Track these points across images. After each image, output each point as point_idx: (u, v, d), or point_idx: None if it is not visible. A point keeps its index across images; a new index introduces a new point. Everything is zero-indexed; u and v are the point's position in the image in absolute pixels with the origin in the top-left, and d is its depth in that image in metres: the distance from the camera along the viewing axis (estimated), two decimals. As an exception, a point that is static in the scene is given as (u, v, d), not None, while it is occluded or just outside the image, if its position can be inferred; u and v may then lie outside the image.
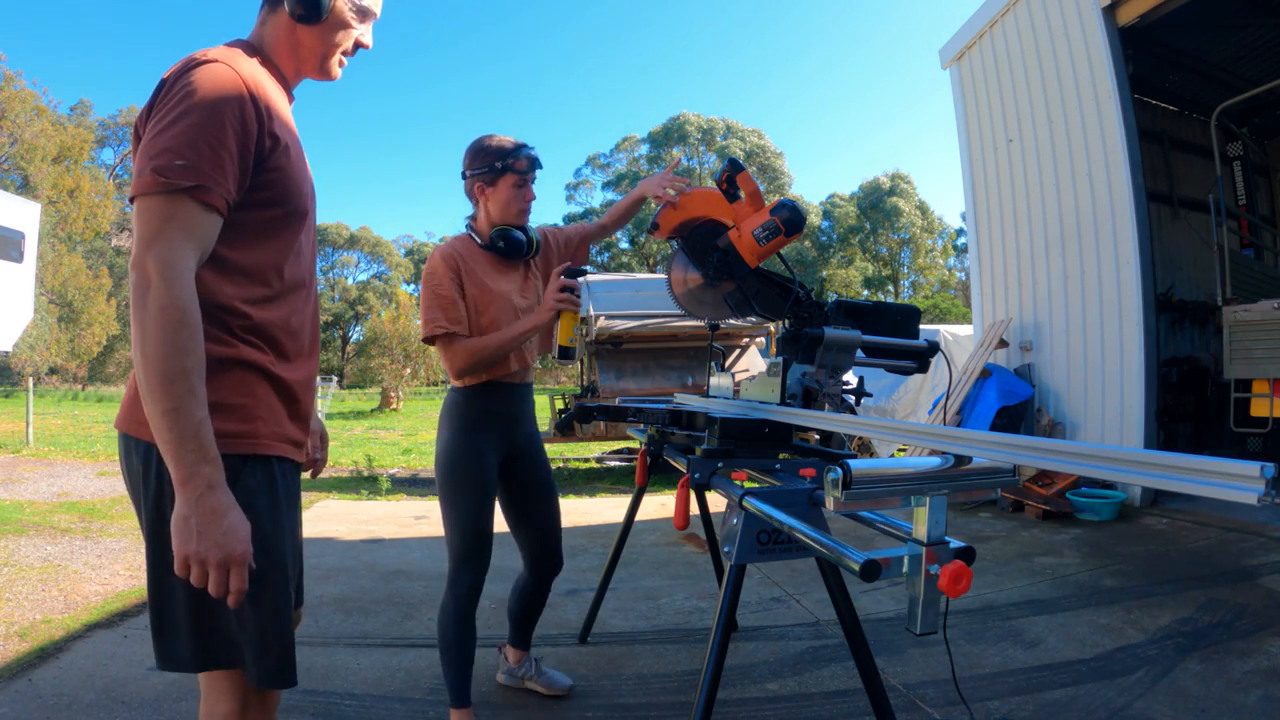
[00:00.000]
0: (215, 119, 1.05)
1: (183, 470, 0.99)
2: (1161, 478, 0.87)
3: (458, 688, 1.97)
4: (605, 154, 41.66)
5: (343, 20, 1.25)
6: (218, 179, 1.05)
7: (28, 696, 2.26)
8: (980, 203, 6.75)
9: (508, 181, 2.01)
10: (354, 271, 45.80)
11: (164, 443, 0.99)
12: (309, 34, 1.24)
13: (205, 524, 0.99)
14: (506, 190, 2.02)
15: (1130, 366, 5.13)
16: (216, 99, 1.06)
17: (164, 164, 1.01)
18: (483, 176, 2.02)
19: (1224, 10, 5.64)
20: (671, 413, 2.12)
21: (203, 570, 1.00)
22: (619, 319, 7.84)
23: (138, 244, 1.01)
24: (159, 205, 1.02)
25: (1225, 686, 2.28)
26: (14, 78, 23.97)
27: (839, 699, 2.30)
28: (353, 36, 1.29)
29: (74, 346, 24.73)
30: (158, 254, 1.00)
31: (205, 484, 1.00)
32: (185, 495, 0.99)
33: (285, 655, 1.14)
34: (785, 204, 1.89)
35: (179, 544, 0.99)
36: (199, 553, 0.99)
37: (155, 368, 0.98)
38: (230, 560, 1.01)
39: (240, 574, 1.03)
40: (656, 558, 4.06)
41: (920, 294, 38.06)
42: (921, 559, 1.07)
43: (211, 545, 0.99)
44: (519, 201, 2.04)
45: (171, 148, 1.02)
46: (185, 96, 1.04)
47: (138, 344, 0.99)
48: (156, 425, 0.99)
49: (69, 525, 4.73)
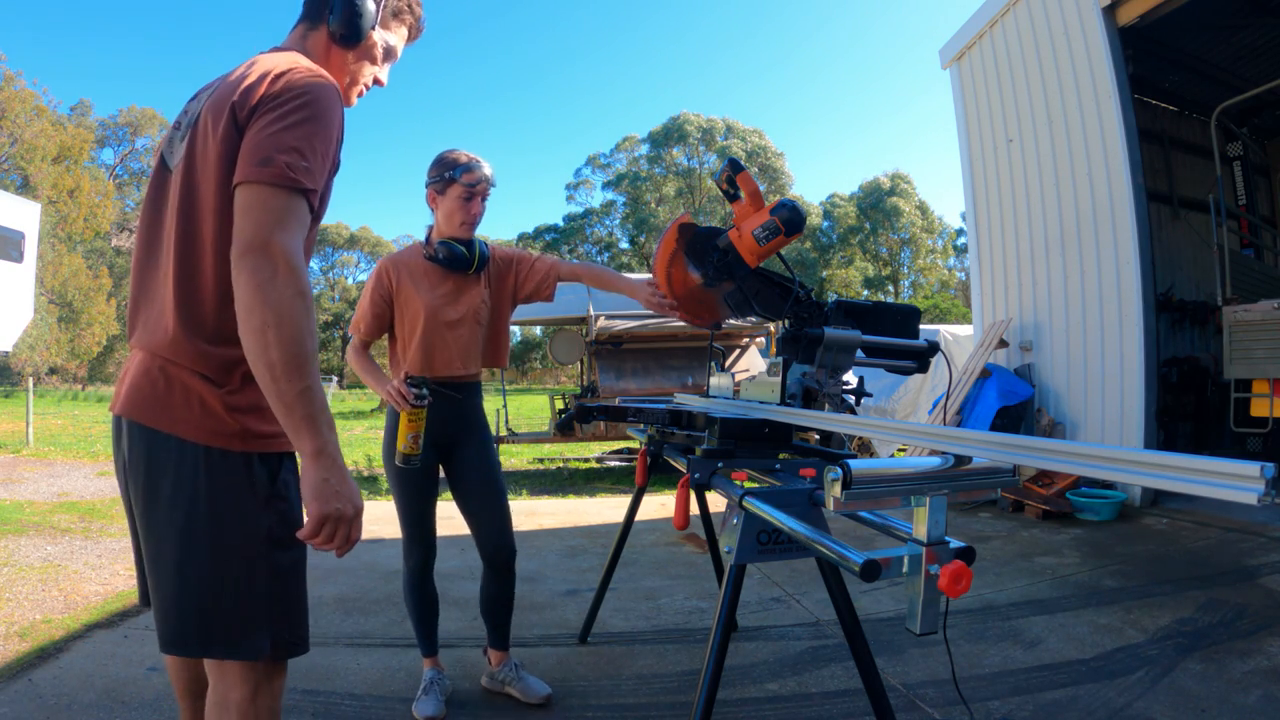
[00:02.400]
0: (329, 133, 1.13)
1: (318, 441, 1.06)
2: (1161, 478, 0.87)
3: (421, 640, 2.28)
4: (605, 154, 41.70)
5: (371, 53, 1.34)
6: (319, 187, 1.13)
7: (28, 696, 2.25)
8: (980, 203, 6.75)
9: (455, 193, 2.11)
10: (354, 271, 45.88)
11: (299, 418, 1.05)
12: (341, 58, 1.31)
13: (343, 484, 1.08)
14: (452, 201, 2.12)
15: (1130, 366, 5.13)
16: (332, 116, 1.14)
17: (293, 161, 1.07)
18: (435, 185, 2.13)
19: (1224, 10, 5.64)
20: (671, 413, 2.12)
21: (334, 528, 1.08)
22: (619, 319, 7.85)
23: (259, 229, 1.04)
24: (284, 198, 1.06)
25: (1225, 686, 2.28)
26: (14, 78, 23.99)
27: (839, 699, 2.30)
28: (374, 72, 1.38)
29: (74, 346, 24.74)
30: (284, 242, 1.05)
31: (335, 450, 1.09)
32: (322, 462, 1.07)
33: (306, 625, 1.24)
34: (785, 204, 1.88)
35: (320, 506, 1.07)
36: (339, 510, 1.08)
37: (292, 350, 1.03)
38: (359, 513, 1.12)
39: (359, 526, 1.13)
40: (656, 558, 4.06)
41: (920, 294, 38.05)
42: (921, 559, 1.07)
43: (347, 501, 1.09)
44: (463, 213, 2.13)
45: (299, 148, 1.08)
46: (310, 103, 1.11)
47: (269, 327, 1.02)
48: (290, 403, 1.04)
49: (69, 525, 4.73)
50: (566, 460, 9.23)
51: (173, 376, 1.15)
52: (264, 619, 1.16)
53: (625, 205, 40.25)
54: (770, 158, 38.73)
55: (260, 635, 1.15)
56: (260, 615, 1.16)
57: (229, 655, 1.15)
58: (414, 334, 2.14)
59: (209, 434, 1.13)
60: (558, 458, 9.43)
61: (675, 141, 39.12)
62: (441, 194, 2.13)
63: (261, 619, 1.15)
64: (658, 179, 39.55)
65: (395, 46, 1.38)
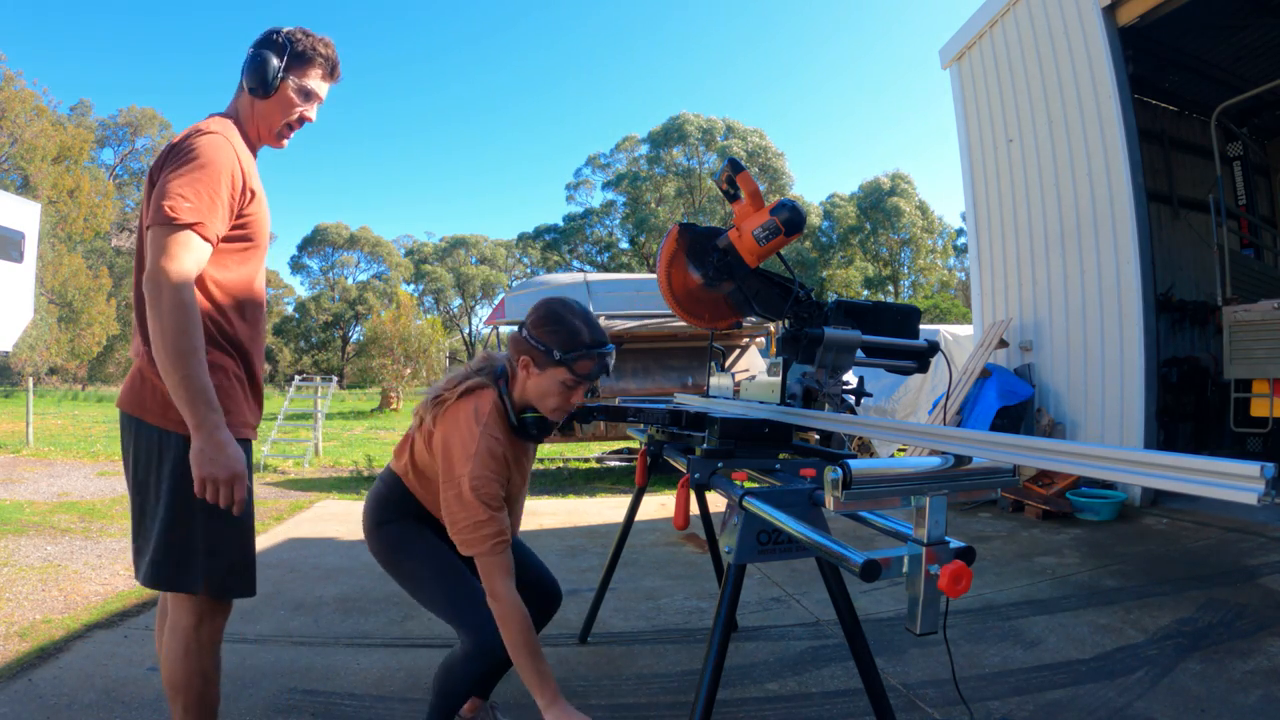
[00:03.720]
0: (215, 177, 1.43)
1: (196, 417, 1.36)
2: (1161, 478, 0.87)
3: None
4: (605, 154, 41.66)
5: (287, 98, 1.60)
6: (211, 220, 1.43)
7: (28, 696, 2.25)
8: (980, 203, 6.75)
9: (562, 376, 1.65)
10: (354, 271, 45.75)
11: (180, 399, 1.36)
12: (263, 107, 1.60)
13: (216, 453, 1.37)
14: (556, 384, 1.67)
15: (1130, 366, 5.13)
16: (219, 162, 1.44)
17: (177, 204, 1.38)
18: (542, 352, 1.65)
19: (1224, 10, 5.64)
20: (671, 413, 2.12)
21: (214, 487, 1.37)
22: (619, 319, 7.85)
23: (153, 260, 1.36)
24: (171, 234, 1.38)
25: (1225, 686, 2.28)
26: (14, 78, 23.97)
27: (839, 699, 2.30)
28: (297, 112, 1.63)
29: (74, 346, 24.73)
30: (169, 268, 1.36)
31: (213, 426, 1.37)
32: (200, 435, 1.36)
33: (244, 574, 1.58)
34: (785, 204, 1.88)
35: (198, 470, 1.37)
36: (213, 474, 1.37)
37: (172, 346, 1.34)
38: (235, 478, 1.40)
39: (241, 487, 1.42)
40: (656, 558, 4.06)
41: (920, 294, 38.04)
42: (921, 559, 1.07)
43: (221, 467, 1.37)
44: (562, 401, 1.70)
45: (183, 194, 1.39)
46: (195, 156, 1.42)
47: (156, 332, 1.34)
48: (174, 388, 1.35)
49: (69, 525, 4.73)
50: (566, 460, 9.24)
51: (146, 377, 1.50)
52: (199, 563, 1.49)
53: (625, 205, 40.21)
54: (771, 158, 38.69)
55: (193, 574, 1.49)
56: (195, 558, 1.49)
57: (171, 588, 1.50)
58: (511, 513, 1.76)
59: (166, 421, 1.48)
60: (558, 458, 9.44)
61: (675, 142, 39.07)
62: (543, 370, 1.67)
63: (198, 562, 1.49)
64: (658, 179, 39.51)
65: (312, 88, 1.62)
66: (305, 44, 1.59)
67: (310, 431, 10.03)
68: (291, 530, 4.75)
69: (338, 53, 1.67)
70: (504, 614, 1.54)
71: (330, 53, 1.64)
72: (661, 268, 2.03)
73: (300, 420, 12.00)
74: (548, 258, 42.19)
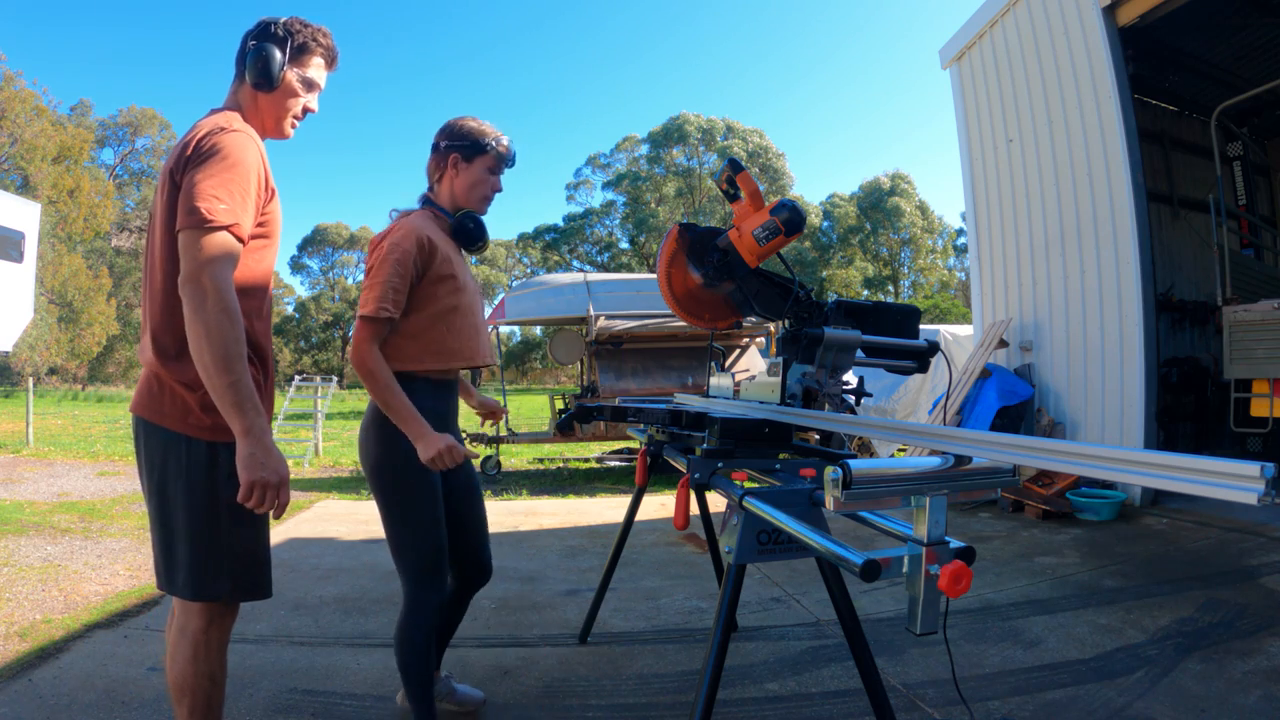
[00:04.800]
0: (245, 175, 1.42)
1: (245, 422, 1.34)
2: (1161, 478, 0.87)
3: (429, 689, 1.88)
4: (605, 154, 41.68)
5: (291, 89, 1.58)
6: (244, 220, 1.41)
7: (28, 696, 2.25)
8: (980, 203, 6.75)
9: (484, 164, 1.96)
10: (354, 271, 45.74)
11: (229, 404, 1.34)
12: (266, 100, 1.57)
13: (266, 457, 1.36)
14: (479, 173, 1.97)
15: (1130, 366, 5.13)
16: (246, 160, 1.43)
17: (212, 206, 1.35)
18: (461, 150, 1.95)
19: (1224, 10, 5.64)
20: (671, 413, 2.12)
21: (262, 492, 1.35)
22: (619, 319, 7.85)
23: (192, 265, 1.33)
24: (208, 237, 1.35)
25: (1225, 686, 2.28)
26: (14, 78, 23.99)
27: (839, 699, 2.30)
28: (300, 103, 1.61)
29: (74, 346, 24.74)
30: (212, 273, 1.33)
31: (261, 430, 1.37)
32: (248, 440, 1.35)
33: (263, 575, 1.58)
34: (785, 204, 1.88)
35: (248, 474, 1.34)
36: (264, 478, 1.35)
37: (220, 353, 1.32)
38: (283, 482, 1.39)
39: (287, 491, 1.41)
40: (656, 558, 4.06)
41: (920, 294, 38.05)
42: (921, 559, 1.07)
43: (271, 471, 1.36)
44: (486, 186, 1.99)
45: (216, 194, 1.36)
46: (225, 156, 1.40)
47: (199, 337, 1.32)
48: (222, 394, 1.33)
49: (69, 525, 4.73)
50: (566, 460, 9.24)
51: (164, 382, 1.47)
52: (225, 569, 1.48)
53: (625, 205, 40.21)
54: (771, 158, 38.70)
55: (221, 581, 1.48)
56: (222, 565, 1.47)
57: (195, 597, 1.47)
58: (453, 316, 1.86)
59: (187, 426, 1.45)
60: (558, 458, 9.44)
61: (675, 141, 39.08)
62: (468, 162, 1.95)
63: (224, 568, 1.47)
64: (658, 179, 39.52)
65: (313, 78, 1.61)
66: (305, 34, 1.58)
67: (310, 431, 10.04)
68: (291, 530, 4.75)
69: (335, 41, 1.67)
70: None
71: (329, 42, 1.64)
72: (661, 268, 2.03)
73: (300, 420, 12.00)
74: (548, 258, 42.17)
